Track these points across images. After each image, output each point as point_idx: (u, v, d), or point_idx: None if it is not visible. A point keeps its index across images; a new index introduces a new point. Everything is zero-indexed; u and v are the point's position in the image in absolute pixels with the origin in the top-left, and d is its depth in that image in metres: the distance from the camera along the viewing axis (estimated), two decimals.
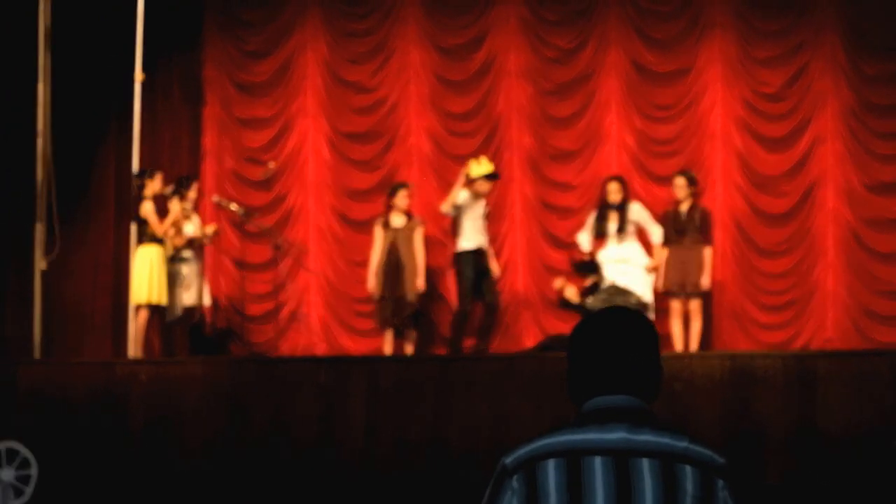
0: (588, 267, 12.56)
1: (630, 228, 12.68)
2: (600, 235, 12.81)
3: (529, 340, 13.48)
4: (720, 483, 2.93)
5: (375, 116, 14.27)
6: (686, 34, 13.74)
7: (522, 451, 2.98)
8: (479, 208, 12.75)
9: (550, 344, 12.78)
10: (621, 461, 2.91)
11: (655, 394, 3.06)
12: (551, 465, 2.93)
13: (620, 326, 3.08)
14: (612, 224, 12.73)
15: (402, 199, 13.02)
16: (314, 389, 11.01)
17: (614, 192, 12.81)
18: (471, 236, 12.68)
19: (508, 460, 2.99)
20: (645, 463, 2.91)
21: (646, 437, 2.94)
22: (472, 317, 12.93)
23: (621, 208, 12.73)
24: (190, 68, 14.55)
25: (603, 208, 12.85)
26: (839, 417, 10.27)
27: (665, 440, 2.94)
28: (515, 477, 2.96)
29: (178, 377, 11.44)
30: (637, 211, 12.75)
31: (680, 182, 12.70)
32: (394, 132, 14.25)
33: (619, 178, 13.01)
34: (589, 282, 12.41)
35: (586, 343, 3.08)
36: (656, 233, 12.68)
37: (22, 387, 11.48)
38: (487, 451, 10.09)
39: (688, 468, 2.91)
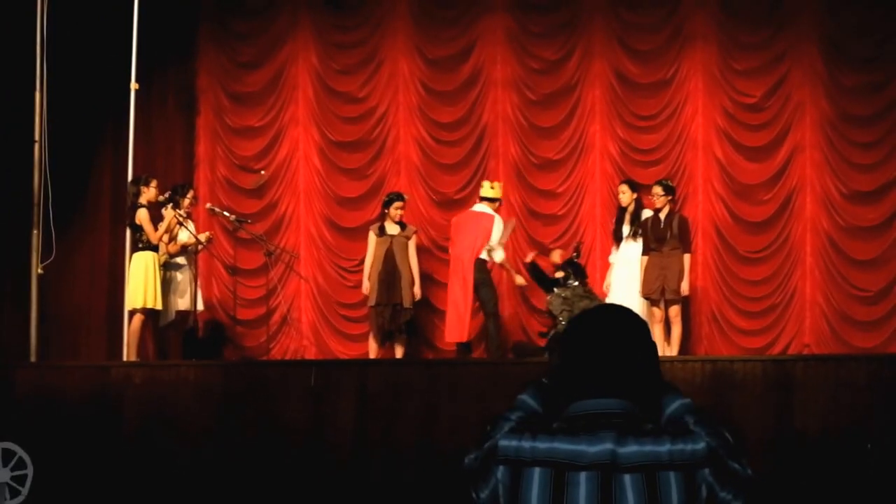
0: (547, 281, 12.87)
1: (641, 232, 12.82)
2: (616, 239, 13.06)
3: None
4: (704, 472, 2.93)
5: (365, 126, 14.39)
6: (668, 46, 13.84)
7: (514, 442, 3.00)
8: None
9: (517, 352, 13.04)
10: (605, 477, 2.92)
11: (648, 395, 3.04)
12: (536, 475, 2.96)
13: (613, 328, 3.07)
14: (626, 227, 12.94)
15: (394, 210, 13.24)
16: (304, 392, 10.99)
17: (621, 195, 13.02)
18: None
19: (502, 444, 3.01)
20: (627, 480, 2.91)
21: (631, 448, 2.92)
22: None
23: (634, 213, 12.91)
24: (184, 78, 14.66)
25: (618, 212, 13.10)
26: (816, 420, 10.26)
27: (648, 448, 2.92)
28: (502, 468, 3.00)
29: (172, 380, 11.43)
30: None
31: (657, 191, 12.84)
32: (383, 141, 14.36)
33: (628, 182, 13.14)
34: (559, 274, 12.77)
35: (578, 344, 3.07)
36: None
37: (18, 389, 11.48)
38: None
39: (671, 476, 2.92)
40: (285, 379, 11.29)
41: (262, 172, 14.36)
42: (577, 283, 12.55)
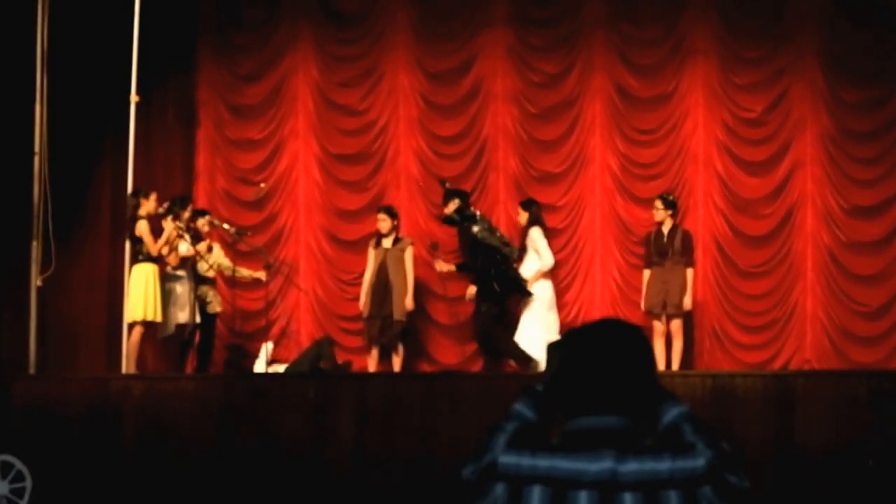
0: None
1: (527, 251, 13.02)
2: (518, 257, 13.09)
3: None
4: (704, 490, 2.92)
5: (365, 139, 14.41)
6: (668, 60, 13.86)
7: (514, 459, 3.00)
8: None
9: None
10: (606, 496, 2.90)
11: (647, 407, 3.04)
12: (536, 493, 2.94)
13: (610, 344, 3.05)
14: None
15: (379, 223, 13.27)
16: (303, 405, 11.00)
17: (519, 217, 13.25)
18: None
19: (502, 460, 3.01)
20: (628, 498, 2.90)
21: (631, 466, 2.91)
22: None
23: (523, 231, 13.16)
24: (184, 90, 14.69)
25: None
26: (817, 436, 10.25)
27: (648, 465, 2.91)
28: (501, 485, 2.99)
29: (171, 392, 11.43)
30: (532, 237, 13.04)
31: (657, 205, 12.93)
32: (383, 154, 14.38)
33: (522, 202, 13.35)
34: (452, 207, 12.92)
35: (576, 360, 3.07)
36: (544, 261, 12.98)
37: (17, 401, 11.46)
38: None
39: (672, 494, 2.91)
40: (285, 392, 11.28)
41: (262, 185, 14.38)
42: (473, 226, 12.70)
